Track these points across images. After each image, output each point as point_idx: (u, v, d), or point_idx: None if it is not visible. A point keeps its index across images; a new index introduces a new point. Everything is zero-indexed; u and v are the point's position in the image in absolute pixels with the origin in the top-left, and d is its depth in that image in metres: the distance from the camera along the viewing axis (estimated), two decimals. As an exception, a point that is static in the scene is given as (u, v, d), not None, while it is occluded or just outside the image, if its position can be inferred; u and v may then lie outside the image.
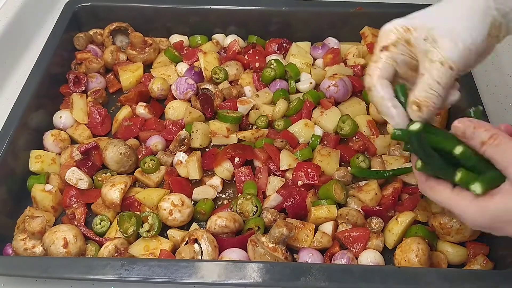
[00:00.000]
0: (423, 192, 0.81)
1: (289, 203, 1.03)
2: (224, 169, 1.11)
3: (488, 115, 1.10)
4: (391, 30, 0.84)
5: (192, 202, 1.06)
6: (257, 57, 1.32)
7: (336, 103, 1.23)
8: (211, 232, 0.99)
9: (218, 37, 1.40)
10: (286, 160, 1.10)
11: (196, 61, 1.34)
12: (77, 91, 1.26)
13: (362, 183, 1.09)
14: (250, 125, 1.23)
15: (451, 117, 1.18)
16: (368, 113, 1.23)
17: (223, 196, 1.11)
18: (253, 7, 1.36)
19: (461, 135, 0.75)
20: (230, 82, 1.29)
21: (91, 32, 1.39)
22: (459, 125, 0.75)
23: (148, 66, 1.35)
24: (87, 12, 1.37)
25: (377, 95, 0.83)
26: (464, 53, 0.78)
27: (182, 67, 1.32)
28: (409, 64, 0.84)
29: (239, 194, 1.08)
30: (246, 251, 0.97)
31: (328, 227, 1.02)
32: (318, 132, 1.18)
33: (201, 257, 0.94)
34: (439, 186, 0.77)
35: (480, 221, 0.72)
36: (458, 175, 0.73)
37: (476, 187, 0.71)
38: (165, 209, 1.01)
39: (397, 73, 0.86)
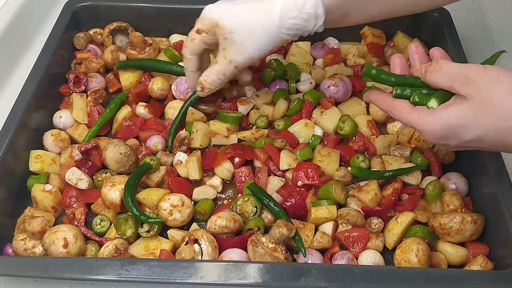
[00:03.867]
0: (390, 113, 0.91)
1: (289, 203, 1.03)
2: (224, 169, 1.11)
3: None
4: (209, 19, 1.02)
5: (192, 202, 1.06)
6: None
7: (336, 103, 1.23)
8: (211, 232, 0.99)
9: (218, 37, 1.40)
10: (286, 160, 1.10)
11: (196, 61, 1.33)
12: (77, 91, 1.26)
13: (362, 183, 1.09)
14: (250, 125, 1.23)
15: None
16: (368, 113, 1.23)
17: (223, 196, 1.11)
18: (253, 7, 1.36)
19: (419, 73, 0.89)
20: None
21: (91, 32, 1.38)
22: (410, 49, 0.94)
23: (148, 66, 1.35)
24: (87, 11, 1.37)
25: (186, 65, 1.12)
26: (248, 61, 1.03)
27: (182, 67, 1.31)
28: (216, 43, 1.05)
29: (239, 194, 1.08)
30: (246, 252, 0.97)
31: (328, 227, 1.02)
32: (318, 132, 1.18)
33: (201, 257, 0.95)
34: (401, 105, 0.88)
35: (436, 131, 0.83)
36: (414, 96, 0.87)
37: (432, 103, 0.85)
38: (165, 209, 1.01)
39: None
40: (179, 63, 1.31)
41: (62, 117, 1.21)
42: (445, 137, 0.83)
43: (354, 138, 1.18)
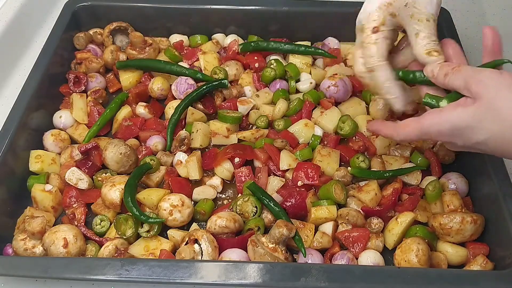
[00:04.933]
0: (396, 135, 0.91)
1: (289, 203, 1.03)
2: (224, 169, 1.11)
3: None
4: (374, 10, 0.93)
5: (192, 202, 1.06)
6: (256, 57, 1.31)
7: (336, 103, 1.23)
8: (211, 232, 0.99)
9: (218, 37, 1.40)
10: (286, 160, 1.10)
11: (196, 61, 1.34)
12: (77, 91, 1.26)
13: (362, 183, 1.09)
14: (250, 125, 1.23)
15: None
16: (368, 113, 1.23)
17: (223, 196, 1.11)
18: (253, 7, 1.36)
19: (431, 75, 0.88)
20: (230, 82, 1.29)
21: (91, 32, 1.38)
22: (428, 68, 0.88)
23: (148, 66, 1.35)
24: (87, 11, 1.37)
25: (382, 77, 0.93)
26: (438, 5, 0.91)
27: (182, 67, 1.32)
28: (394, 32, 0.96)
29: (239, 194, 1.08)
30: (246, 252, 0.97)
31: (328, 228, 1.02)
32: (318, 132, 1.18)
33: (201, 257, 0.95)
34: (405, 122, 0.89)
35: (443, 130, 0.83)
36: (427, 97, 0.88)
37: (444, 103, 0.86)
38: (165, 209, 1.01)
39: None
40: (179, 63, 1.31)
41: (62, 117, 1.21)
42: (452, 137, 0.83)
43: (354, 138, 1.18)
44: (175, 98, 1.26)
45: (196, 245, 0.95)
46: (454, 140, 0.84)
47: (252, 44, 1.33)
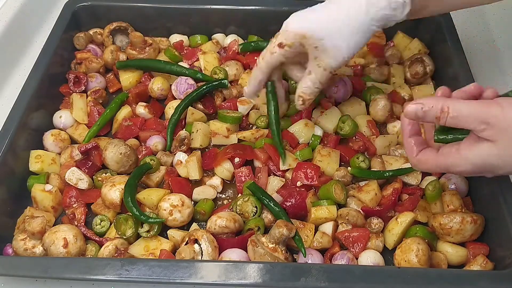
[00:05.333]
0: (415, 167, 0.90)
1: (289, 203, 1.03)
2: (224, 169, 1.11)
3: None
4: (293, 32, 0.99)
5: (192, 202, 1.06)
6: (256, 57, 1.31)
7: (336, 103, 1.23)
8: (211, 232, 0.99)
9: (218, 37, 1.40)
10: (286, 160, 1.10)
11: (196, 61, 1.34)
12: (77, 91, 1.26)
13: (362, 183, 1.09)
14: (250, 125, 1.23)
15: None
16: (368, 113, 1.23)
17: (223, 196, 1.11)
18: (253, 7, 1.36)
19: (416, 119, 0.83)
20: (230, 82, 1.28)
21: (91, 32, 1.38)
22: (409, 110, 0.82)
23: (148, 66, 1.35)
24: (86, 11, 1.37)
25: (255, 74, 1.09)
26: (343, 62, 1.00)
27: (182, 67, 1.32)
28: (295, 57, 1.04)
29: (239, 194, 1.08)
30: (246, 252, 0.97)
31: (328, 228, 1.02)
32: (318, 132, 1.18)
33: (201, 257, 0.95)
34: (424, 156, 0.87)
35: (467, 170, 0.82)
36: (435, 135, 0.85)
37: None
38: (165, 209, 1.01)
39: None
40: (179, 63, 1.31)
41: (62, 117, 1.21)
42: (478, 173, 0.82)
43: (354, 138, 1.18)
44: (175, 98, 1.26)
45: (196, 245, 0.95)
46: (483, 174, 0.83)
47: (252, 44, 1.33)
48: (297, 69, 1.09)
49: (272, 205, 1.02)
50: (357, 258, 0.98)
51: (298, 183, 1.06)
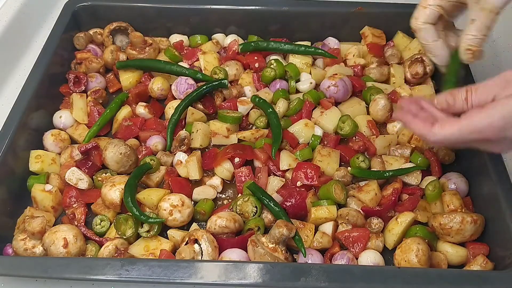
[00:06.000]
0: (435, 140, 0.85)
1: (289, 203, 1.03)
2: (224, 169, 1.10)
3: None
4: None
5: (192, 202, 1.06)
6: (256, 57, 1.31)
7: (336, 103, 1.23)
8: (211, 232, 0.99)
9: (218, 37, 1.40)
10: (286, 160, 1.10)
11: (196, 61, 1.34)
12: (77, 91, 1.26)
13: (362, 183, 1.09)
14: (250, 125, 1.23)
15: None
16: (368, 113, 1.23)
17: (223, 196, 1.11)
18: (253, 7, 1.36)
19: (447, 106, 0.84)
20: (230, 82, 1.29)
21: (91, 32, 1.38)
22: (440, 98, 0.85)
23: (148, 66, 1.35)
24: (87, 11, 1.37)
25: (423, 38, 1.00)
26: (508, 0, 0.89)
27: (182, 67, 1.32)
28: (454, 8, 0.97)
29: (239, 194, 1.08)
30: (246, 252, 0.97)
31: (328, 228, 1.02)
32: (318, 132, 1.18)
33: (201, 257, 0.95)
34: (447, 119, 0.84)
35: (495, 122, 0.78)
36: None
37: None
38: (165, 209, 1.01)
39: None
40: (179, 63, 1.31)
41: (62, 117, 1.21)
42: (504, 130, 0.79)
43: (354, 138, 1.18)
44: (175, 98, 1.26)
45: (196, 245, 0.95)
46: (506, 133, 0.80)
47: (252, 44, 1.33)
48: (451, 34, 1.02)
49: (272, 205, 1.02)
50: (357, 258, 0.98)
51: (298, 183, 1.06)
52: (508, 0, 0.90)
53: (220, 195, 1.11)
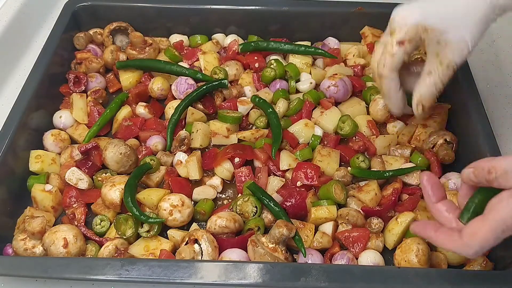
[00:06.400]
0: (465, 250, 0.75)
1: (289, 203, 1.03)
2: (224, 169, 1.10)
3: (488, 115, 1.10)
4: (413, 25, 0.90)
5: (192, 202, 1.06)
6: (256, 57, 1.31)
7: (336, 103, 1.23)
8: (211, 232, 0.99)
9: (218, 37, 1.40)
10: (286, 160, 1.10)
11: (196, 61, 1.34)
12: (77, 91, 1.26)
13: (362, 183, 1.09)
14: (250, 125, 1.23)
15: (451, 117, 1.18)
16: (368, 113, 1.22)
17: (223, 196, 1.11)
18: (253, 7, 1.36)
19: (472, 182, 0.76)
20: (230, 82, 1.29)
21: (91, 32, 1.38)
22: (464, 175, 0.77)
23: (148, 66, 1.35)
24: (87, 11, 1.37)
25: (387, 86, 0.98)
26: (466, 57, 0.90)
27: (182, 67, 1.32)
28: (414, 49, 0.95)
29: (239, 194, 1.08)
30: (246, 252, 0.97)
31: (328, 228, 1.02)
32: (318, 132, 1.18)
33: (201, 257, 0.95)
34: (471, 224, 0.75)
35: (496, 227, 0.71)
36: (465, 215, 0.77)
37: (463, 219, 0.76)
38: (165, 209, 1.01)
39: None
40: (179, 63, 1.31)
41: (62, 117, 1.21)
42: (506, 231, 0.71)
43: (354, 138, 1.18)
44: (175, 98, 1.26)
45: (196, 245, 0.95)
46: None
47: (252, 44, 1.33)
48: (407, 76, 1.01)
49: (272, 205, 1.02)
50: (357, 258, 0.98)
51: (298, 183, 1.06)
52: (465, 59, 0.91)
53: (220, 195, 1.11)
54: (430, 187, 0.81)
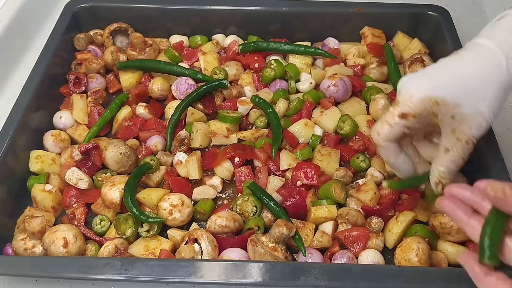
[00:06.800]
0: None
1: (289, 202, 1.03)
2: (224, 169, 1.10)
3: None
4: (422, 99, 0.81)
5: (192, 202, 1.06)
6: (256, 58, 1.32)
7: (336, 103, 1.23)
8: (211, 232, 0.98)
9: (218, 37, 1.40)
10: (286, 160, 1.10)
11: (196, 61, 1.34)
12: (77, 92, 1.26)
13: (360, 182, 1.09)
14: (250, 125, 1.23)
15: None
16: (368, 113, 1.22)
17: (223, 196, 1.11)
18: (253, 7, 1.36)
19: (501, 196, 0.72)
20: (230, 82, 1.29)
21: (91, 33, 1.39)
22: (495, 185, 0.73)
23: (148, 67, 1.35)
24: (87, 12, 1.37)
25: (384, 155, 0.90)
26: (484, 130, 0.81)
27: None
28: (424, 127, 0.86)
29: (239, 194, 1.08)
30: (246, 251, 0.97)
31: (328, 227, 1.02)
32: (318, 132, 1.18)
33: (201, 256, 0.94)
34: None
35: None
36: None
37: None
38: (165, 209, 1.01)
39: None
40: (179, 64, 1.31)
41: (62, 118, 1.21)
42: None
43: (354, 138, 1.18)
44: (175, 98, 1.26)
45: (196, 245, 0.95)
46: None
47: (252, 44, 1.34)
48: (423, 144, 0.93)
49: (272, 205, 1.02)
50: (357, 258, 0.98)
51: (298, 183, 1.06)
52: (485, 130, 0.82)
53: (220, 194, 1.11)
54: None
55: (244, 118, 1.21)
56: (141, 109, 1.23)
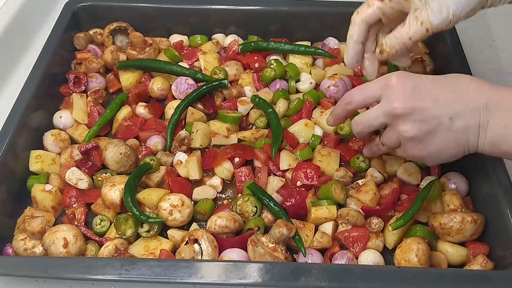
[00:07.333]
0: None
1: (289, 203, 1.03)
2: (224, 169, 1.10)
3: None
4: None
5: (192, 202, 1.06)
6: (256, 57, 1.31)
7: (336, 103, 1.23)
8: (211, 232, 0.99)
9: (218, 37, 1.40)
10: (286, 160, 1.10)
11: (196, 61, 1.34)
12: (77, 91, 1.26)
13: (360, 182, 1.09)
14: (250, 125, 1.23)
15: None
16: (368, 113, 1.22)
17: (223, 196, 1.11)
18: (253, 7, 1.36)
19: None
20: (230, 82, 1.29)
21: (91, 32, 1.39)
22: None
23: (148, 66, 1.35)
24: (87, 12, 1.37)
25: (350, 32, 1.00)
26: (445, 21, 0.87)
27: (182, 67, 1.32)
28: (395, 17, 0.95)
29: (239, 194, 1.08)
30: (246, 251, 0.97)
31: (328, 227, 1.02)
32: (318, 132, 1.18)
33: (201, 257, 0.95)
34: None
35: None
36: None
37: None
38: (165, 209, 1.01)
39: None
40: (179, 63, 1.31)
41: (62, 117, 1.21)
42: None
43: (354, 138, 1.17)
44: (175, 98, 1.26)
45: (196, 245, 0.96)
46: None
47: (252, 44, 1.33)
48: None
49: (272, 205, 1.02)
50: (357, 258, 0.98)
51: (298, 183, 1.06)
52: (444, 25, 0.88)
53: (220, 195, 1.11)
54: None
55: (244, 118, 1.21)
56: (141, 109, 1.23)
